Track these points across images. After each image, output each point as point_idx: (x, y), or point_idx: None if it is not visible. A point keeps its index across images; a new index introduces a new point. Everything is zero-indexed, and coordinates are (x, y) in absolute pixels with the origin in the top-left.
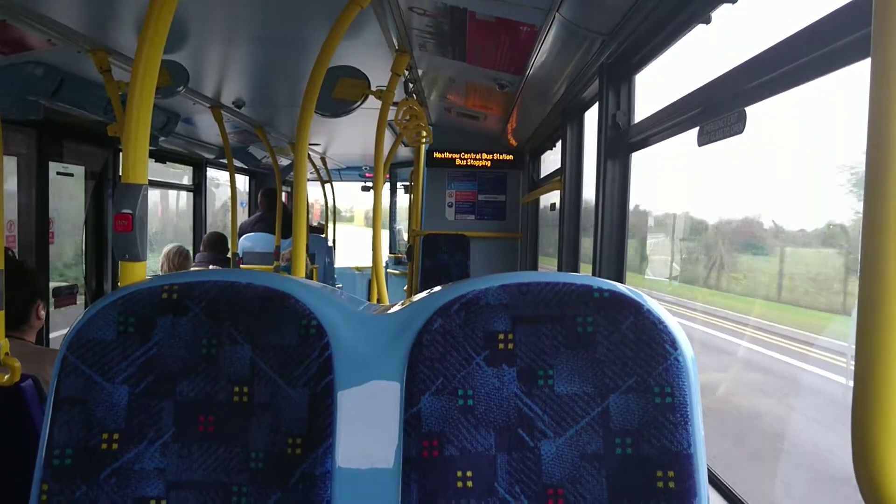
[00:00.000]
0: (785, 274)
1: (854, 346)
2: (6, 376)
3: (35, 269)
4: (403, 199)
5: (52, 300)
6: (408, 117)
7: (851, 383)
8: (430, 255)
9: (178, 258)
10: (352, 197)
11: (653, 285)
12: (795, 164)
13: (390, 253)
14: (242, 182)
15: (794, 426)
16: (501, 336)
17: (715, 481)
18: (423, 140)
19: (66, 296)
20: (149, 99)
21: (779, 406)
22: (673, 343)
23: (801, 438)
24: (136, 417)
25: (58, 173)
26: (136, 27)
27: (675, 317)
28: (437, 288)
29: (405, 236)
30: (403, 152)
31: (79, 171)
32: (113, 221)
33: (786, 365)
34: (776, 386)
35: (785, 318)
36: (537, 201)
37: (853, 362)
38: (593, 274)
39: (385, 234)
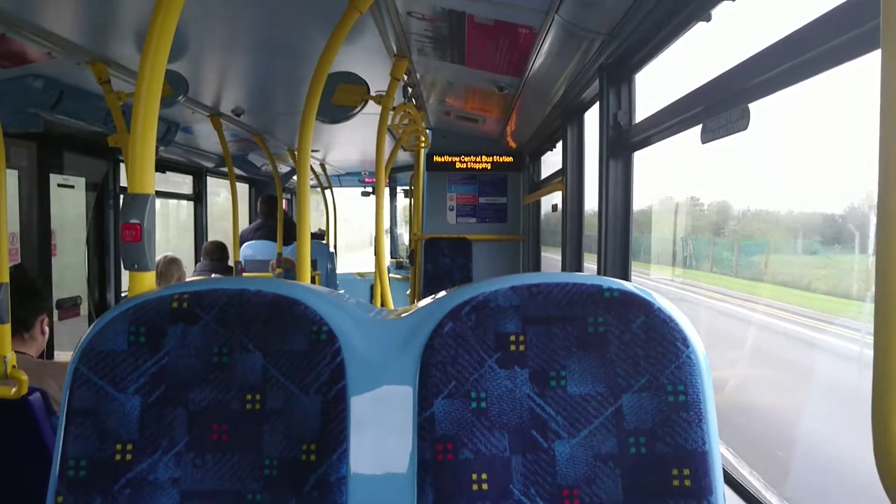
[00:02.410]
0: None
1: (873, 339)
2: (13, 389)
3: (42, 285)
4: (404, 204)
5: (55, 312)
6: (405, 122)
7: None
8: (432, 259)
9: (166, 267)
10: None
11: None
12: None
13: (391, 257)
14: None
15: None
16: (513, 338)
17: (730, 479)
18: (422, 144)
19: (69, 307)
20: (154, 108)
21: None
22: (684, 341)
23: None
24: (149, 427)
25: (59, 185)
26: (135, 38)
27: None
28: (444, 292)
29: (406, 240)
30: (403, 156)
31: (79, 182)
32: (121, 232)
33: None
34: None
35: None
36: (538, 203)
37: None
38: (598, 274)
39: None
